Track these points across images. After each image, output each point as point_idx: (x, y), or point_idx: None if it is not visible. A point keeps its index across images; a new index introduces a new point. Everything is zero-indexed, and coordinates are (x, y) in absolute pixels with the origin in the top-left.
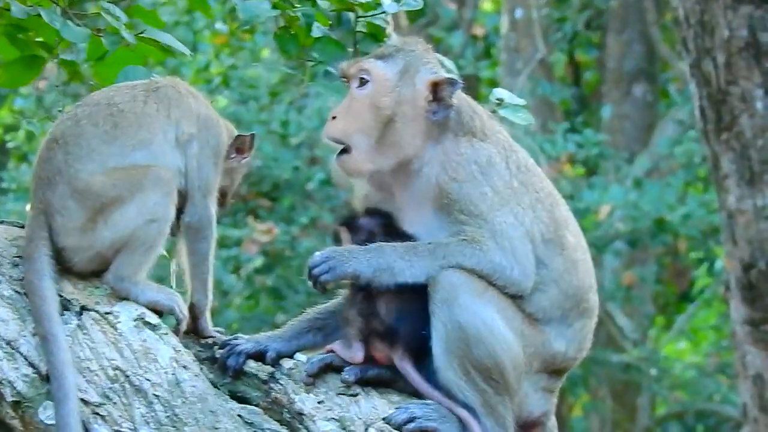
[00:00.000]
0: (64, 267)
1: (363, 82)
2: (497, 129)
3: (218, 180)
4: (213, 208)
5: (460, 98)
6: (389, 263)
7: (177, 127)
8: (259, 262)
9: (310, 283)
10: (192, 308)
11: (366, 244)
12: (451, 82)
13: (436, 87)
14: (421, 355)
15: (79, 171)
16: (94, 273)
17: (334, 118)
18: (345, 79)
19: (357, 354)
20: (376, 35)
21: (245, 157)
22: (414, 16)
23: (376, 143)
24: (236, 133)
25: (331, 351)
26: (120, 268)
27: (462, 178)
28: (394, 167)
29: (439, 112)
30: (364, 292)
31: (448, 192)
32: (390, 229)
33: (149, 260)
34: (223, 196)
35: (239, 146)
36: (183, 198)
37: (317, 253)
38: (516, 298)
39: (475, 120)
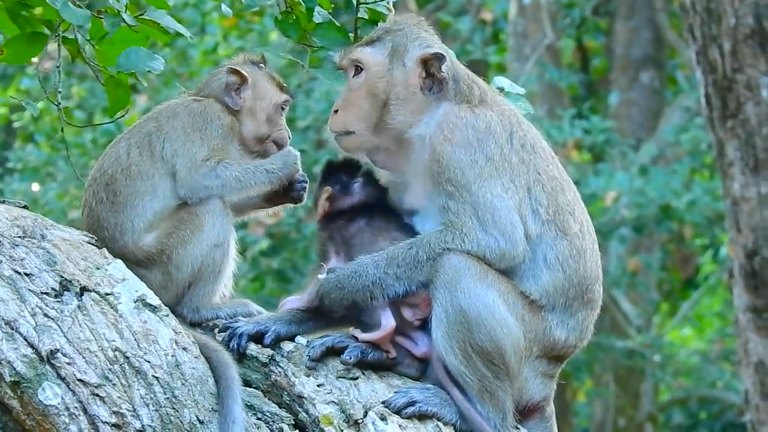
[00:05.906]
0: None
1: (358, 71)
2: (502, 102)
3: (205, 146)
4: (205, 174)
5: (457, 68)
6: (375, 280)
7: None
8: (264, 244)
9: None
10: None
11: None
12: (438, 57)
13: (426, 63)
14: None
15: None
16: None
17: (335, 111)
18: (343, 70)
19: (389, 322)
20: (377, 21)
21: (245, 90)
22: (422, 1)
23: (375, 126)
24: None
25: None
26: (193, 300)
27: (456, 140)
28: (394, 143)
29: (434, 87)
30: None
31: (440, 155)
32: (380, 207)
33: (219, 285)
34: (262, 141)
35: (230, 86)
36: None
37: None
38: (513, 275)
39: (473, 89)
